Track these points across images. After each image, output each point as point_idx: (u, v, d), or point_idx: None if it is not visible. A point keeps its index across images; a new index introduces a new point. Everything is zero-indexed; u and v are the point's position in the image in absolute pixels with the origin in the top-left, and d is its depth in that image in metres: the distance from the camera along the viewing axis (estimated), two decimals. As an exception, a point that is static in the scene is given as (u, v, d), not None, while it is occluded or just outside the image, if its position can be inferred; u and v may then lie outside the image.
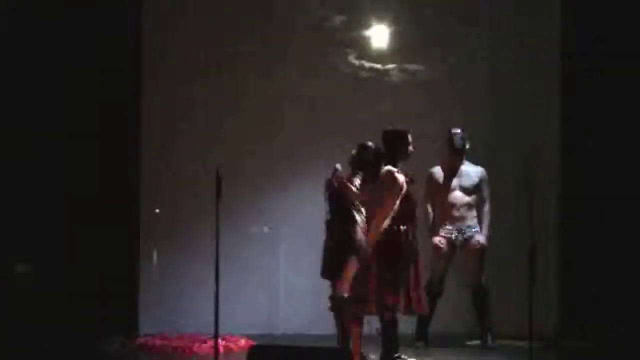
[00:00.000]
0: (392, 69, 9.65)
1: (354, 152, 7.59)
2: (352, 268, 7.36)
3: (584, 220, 9.43)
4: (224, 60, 9.63)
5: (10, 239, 9.10)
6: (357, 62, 9.60)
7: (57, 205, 9.23)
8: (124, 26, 9.45)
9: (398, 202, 7.59)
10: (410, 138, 7.84)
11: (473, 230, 8.93)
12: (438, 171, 8.99)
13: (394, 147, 7.77)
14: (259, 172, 9.57)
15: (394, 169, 7.65)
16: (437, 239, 8.89)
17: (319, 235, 7.57)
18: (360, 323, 7.56)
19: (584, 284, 9.34)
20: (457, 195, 8.96)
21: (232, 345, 8.67)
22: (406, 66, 9.61)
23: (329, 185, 7.57)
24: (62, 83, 9.30)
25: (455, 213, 8.95)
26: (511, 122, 9.64)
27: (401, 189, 7.61)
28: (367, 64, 9.62)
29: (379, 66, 9.64)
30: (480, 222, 8.96)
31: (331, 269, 7.41)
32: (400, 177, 7.63)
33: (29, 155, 9.25)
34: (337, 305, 7.41)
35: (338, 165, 7.60)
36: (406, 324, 8.12)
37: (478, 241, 8.88)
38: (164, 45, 9.61)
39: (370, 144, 7.61)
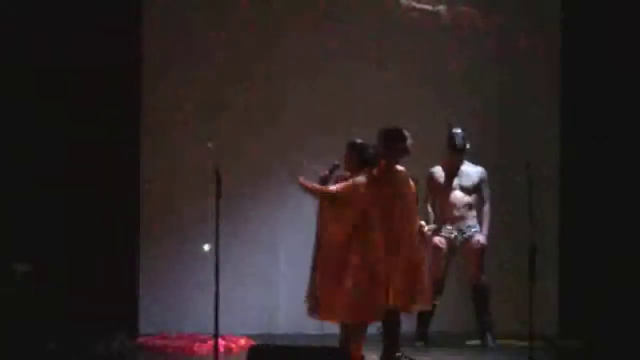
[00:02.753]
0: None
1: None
2: None
3: (584, 220, 9.44)
4: (224, 59, 9.63)
5: (10, 239, 9.09)
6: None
7: (57, 204, 9.23)
8: (124, 25, 9.44)
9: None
10: (406, 134, 7.83)
11: (473, 230, 8.94)
12: (438, 171, 8.99)
13: (391, 145, 7.76)
14: (259, 172, 9.57)
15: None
16: (437, 239, 8.89)
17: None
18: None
19: (584, 284, 9.35)
20: (458, 195, 8.96)
21: (232, 345, 8.67)
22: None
23: (323, 181, 7.57)
24: (61, 82, 9.29)
25: (456, 213, 8.95)
26: (512, 122, 9.65)
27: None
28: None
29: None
30: (480, 222, 8.97)
31: None
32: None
33: (28, 155, 9.24)
34: None
35: (337, 162, 7.61)
36: (406, 324, 8.12)
37: (478, 241, 8.89)
38: (164, 45, 9.60)
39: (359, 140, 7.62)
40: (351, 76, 9.62)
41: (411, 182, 7.77)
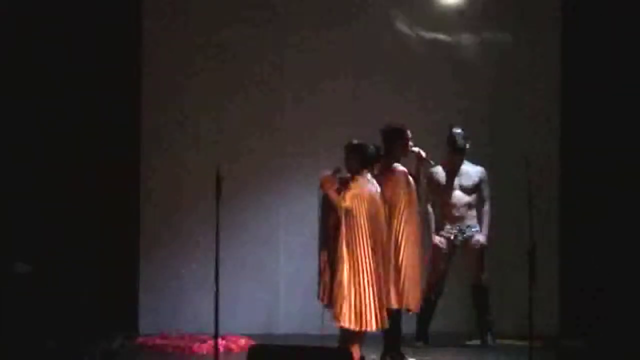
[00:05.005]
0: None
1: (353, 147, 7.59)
2: None
3: (584, 220, 9.43)
4: (224, 57, 9.63)
5: (10, 239, 9.10)
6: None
7: (57, 205, 9.23)
8: (124, 23, 9.44)
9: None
10: (409, 134, 7.87)
11: (473, 229, 8.94)
12: (439, 171, 8.98)
13: (393, 144, 7.78)
14: (260, 171, 9.57)
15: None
16: (437, 239, 8.89)
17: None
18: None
19: (584, 284, 9.34)
20: (458, 195, 8.96)
21: (232, 345, 8.67)
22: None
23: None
24: (61, 82, 9.29)
25: (456, 213, 8.95)
26: (511, 121, 9.64)
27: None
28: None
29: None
30: (480, 222, 8.97)
31: None
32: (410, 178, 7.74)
33: (27, 154, 9.25)
34: None
35: (339, 166, 7.60)
36: (406, 324, 8.12)
37: (478, 240, 8.89)
38: (164, 43, 9.60)
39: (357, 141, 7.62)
40: (351, 76, 9.63)
41: (411, 182, 7.78)
